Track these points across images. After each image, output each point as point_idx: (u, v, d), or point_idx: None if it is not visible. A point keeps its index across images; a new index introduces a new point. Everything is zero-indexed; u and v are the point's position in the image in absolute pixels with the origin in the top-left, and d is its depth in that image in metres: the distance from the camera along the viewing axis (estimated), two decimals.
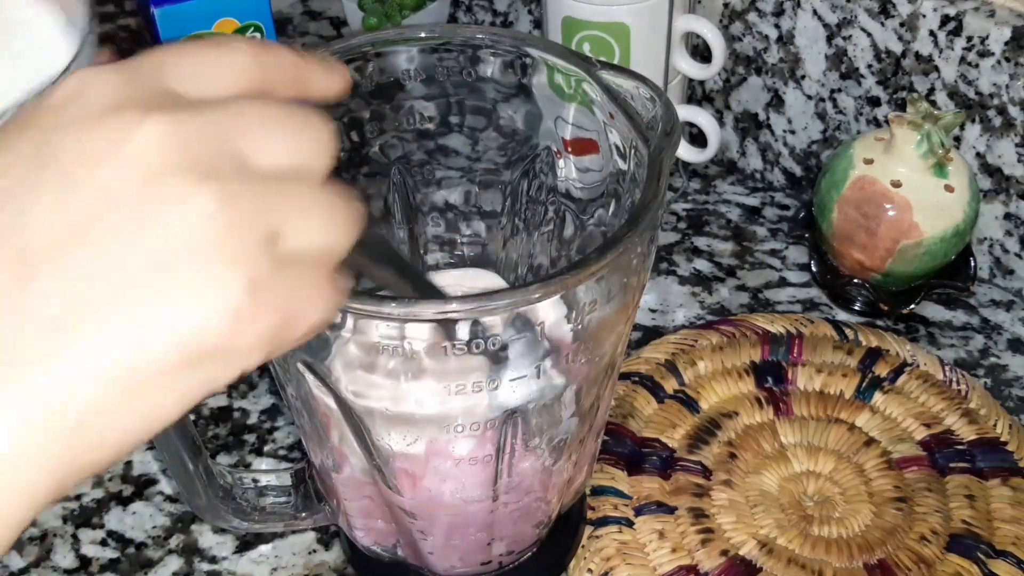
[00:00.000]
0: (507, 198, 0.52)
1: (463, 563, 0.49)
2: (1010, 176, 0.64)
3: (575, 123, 0.47)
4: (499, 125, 0.50)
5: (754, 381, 0.59)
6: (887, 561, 0.51)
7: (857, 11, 0.65)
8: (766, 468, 0.55)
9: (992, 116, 0.63)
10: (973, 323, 0.65)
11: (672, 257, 0.70)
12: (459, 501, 0.44)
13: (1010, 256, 0.66)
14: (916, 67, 0.64)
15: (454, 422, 0.40)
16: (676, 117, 0.42)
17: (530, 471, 0.44)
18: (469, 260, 0.54)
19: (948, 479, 0.54)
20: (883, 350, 0.60)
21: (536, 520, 0.48)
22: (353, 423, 0.41)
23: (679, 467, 0.55)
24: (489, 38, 0.47)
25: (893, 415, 0.57)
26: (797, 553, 0.51)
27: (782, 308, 0.66)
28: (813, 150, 0.72)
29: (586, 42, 0.65)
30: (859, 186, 0.61)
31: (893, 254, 0.61)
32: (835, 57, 0.68)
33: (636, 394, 0.58)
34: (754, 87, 0.73)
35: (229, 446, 0.60)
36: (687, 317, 0.66)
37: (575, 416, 0.43)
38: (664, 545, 0.52)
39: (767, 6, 0.69)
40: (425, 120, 0.50)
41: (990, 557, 0.51)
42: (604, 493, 0.54)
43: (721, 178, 0.77)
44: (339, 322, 0.37)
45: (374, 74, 0.47)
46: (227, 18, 0.60)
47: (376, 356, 0.38)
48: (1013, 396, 0.61)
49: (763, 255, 0.70)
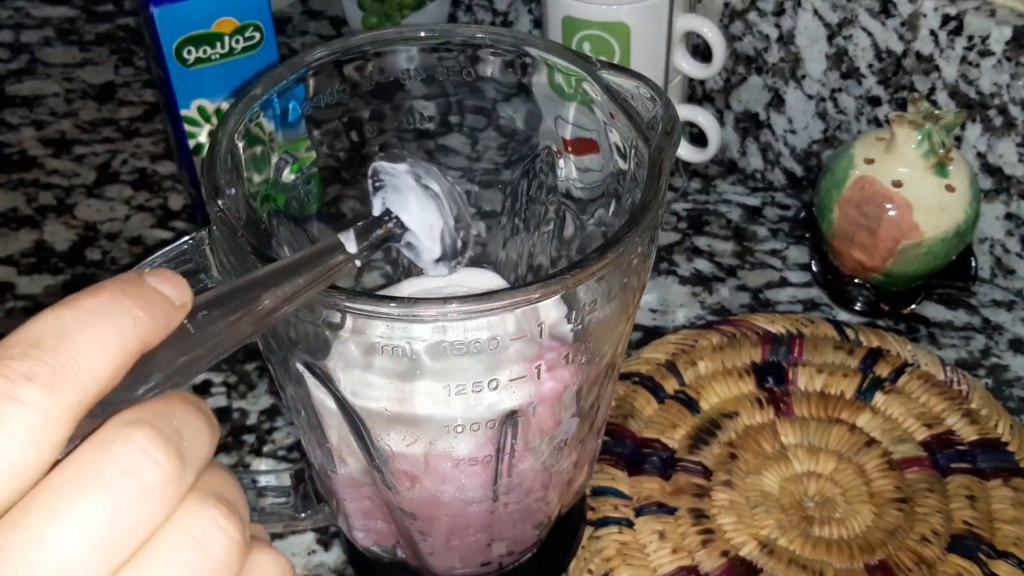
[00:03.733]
0: (507, 198, 0.51)
1: (463, 564, 0.49)
2: (1011, 176, 0.64)
3: (575, 123, 0.47)
4: (499, 125, 0.50)
5: (755, 381, 0.59)
6: (888, 562, 0.51)
7: (858, 10, 0.65)
8: (767, 469, 0.55)
9: (993, 116, 0.62)
10: (974, 323, 0.65)
11: (672, 257, 0.70)
12: (459, 502, 0.44)
13: (1011, 256, 0.66)
14: (917, 67, 0.64)
15: (454, 423, 0.40)
16: (676, 117, 0.41)
17: (530, 472, 0.44)
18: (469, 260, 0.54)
19: (949, 480, 0.54)
20: (884, 350, 0.60)
21: (536, 521, 0.48)
22: (352, 423, 0.41)
23: (679, 468, 0.55)
24: (489, 38, 0.47)
25: (894, 415, 0.57)
26: (798, 554, 0.51)
27: (783, 308, 0.66)
28: (814, 150, 0.72)
29: (586, 41, 0.64)
30: (860, 186, 0.61)
31: (894, 254, 0.61)
32: (836, 57, 0.67)
33: (636, 394, 0.58)
34: (755, 87, 0.72)
35: (228, 446, 0.60)
36: (687, 317, 0.66)
37: (575, 416, 0.43)
38: (664, 546, 0.52)
39: (767, 5, 0.69)
40: (425, 120, 0.50)
41: (991, 558, 0.51)
42: (604, 494, 0.54)
43: (721, 178, 0.76)
44: (339, 322, 0.37)
45: (374, 74, 0.47)
46: (227, 17, 0.60)
47: (375, 356, 0.38)
48: (1014, 396, 0.61)
49: (764, 255, 0.70)
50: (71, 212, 0.75)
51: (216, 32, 0.60)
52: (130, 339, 0.23)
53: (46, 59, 0.90)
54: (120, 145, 0.81)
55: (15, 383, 0.21)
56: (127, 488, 0.21)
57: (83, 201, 0.76)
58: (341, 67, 0.46)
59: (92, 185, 0.77)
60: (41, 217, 0.75)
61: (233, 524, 0.23)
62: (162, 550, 0.22)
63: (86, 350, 0.22)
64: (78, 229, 0.74)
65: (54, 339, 0.22)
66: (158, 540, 0.22)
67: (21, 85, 0.87)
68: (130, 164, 0.79)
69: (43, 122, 0.83)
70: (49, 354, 0.22)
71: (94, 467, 0.21)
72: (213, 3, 0.59)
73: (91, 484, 0.21)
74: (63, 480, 0.21)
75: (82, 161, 0.79)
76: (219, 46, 0.60)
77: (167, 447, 0.22)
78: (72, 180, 0.78)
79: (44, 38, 0.92)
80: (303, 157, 0.48)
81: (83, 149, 0.81)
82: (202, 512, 0.23)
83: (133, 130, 0.82)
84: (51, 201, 0.76)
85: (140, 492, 0.22)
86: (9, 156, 0.80)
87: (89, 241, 0.73)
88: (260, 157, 0.44)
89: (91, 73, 0.88)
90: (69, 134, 0.82)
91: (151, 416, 0.22)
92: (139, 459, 0.22)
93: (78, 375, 0.22)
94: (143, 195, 0.76)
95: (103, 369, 0.22)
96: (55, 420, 0.21)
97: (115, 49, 0.91)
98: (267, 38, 0.61)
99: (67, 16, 0.95)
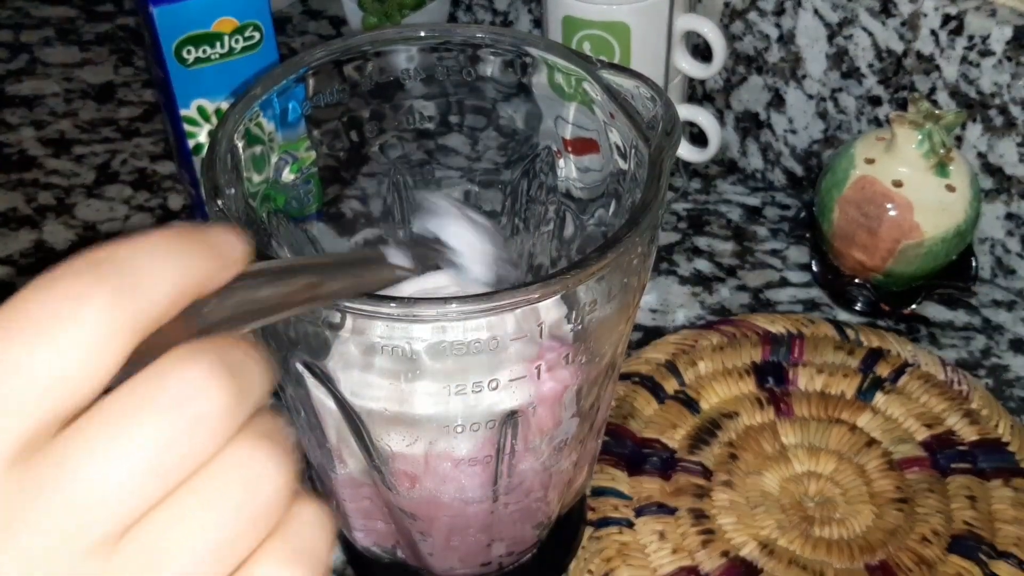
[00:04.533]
0: (507, 198, 0.51)
1: (463, 564, 0.49)
2: (1011, 176, 0.63)
3: (575, 123, 0.47)
4: (499, 125, 0.50)
5: (755, 381, 0.59)
6: (888, 562, 0.51)
7: (858, 10, 0.65)
8: (767, 469, 0.55)
9: (993, 116, 0.62)
10: (974, 323, 0.65)
11: (673, 257, 0.70)
12: (459, 502, 0.44)
13: (1011, 256, 0.66)
14: (917, 66, 0.64)
15: (454, 423, 0.40)
16: (676, 116, 0.41)
17: (530, 472, 0.44)
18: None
19: (949, 480, 0.54)
20: (884, 350, 0.60)
21: (536, 521, 0.48)
22: (352, 424, 0.41)
23: (680, 468, 0.55)
24: (489, 37, 0.47)
25: (894, 416, 0.57)
26: (798, 554, 0.51)
27: (783, 308, 0.66)
28: (814, 150, 0.72)
29: (586, 41, 0.64)
30: (860, 186, 0.61)
31: (894, 254, 0.61)
32: (836, 56, 0.67)
33: (636, 394, 0.58)
34: (755, 86, 0.72)
35: None
36: (688, 317, 0.66)
37: (575, 416, 0.43)
38: (665, 546, 0.52)
39: (768, 5, 0.69)
40: (425, 120, 0.50)
41: (992, 558, 0.51)
42: (604, 494, 0.54)
43: (722, 178, 0.76)
44: (338, 322, 0.37)
45: (374, 73, 0.47)
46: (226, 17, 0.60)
47: (375, 356, 0.38)
48: (1015, 396, 0.61)
49: (764, 255, 0.70)
50: (71, 212, 0.75)
51: (216, 32, 0.59)
52: (189, 278, 0.23)
53: (46, 59, 0.90)
54: (120, 145, 0.81)
55: (77, 297, 0.21)
56: (181, 417, 0.21)
57: (83, 201, 0.76)
58: (341, 67, 0.46)
59: (92, 185, 0.77)
60: (41, 217, 0.75)
61: (283, 470, 0.23)
62: (210, 486, 0.22)
63: (149, 277, 0.22)
64: (78, 229, 0.74)
65: (119, 262, 0.22)
66: (207, 476, 0.22)
67: (21, 85, 0.87)
68: (130, 164, 0.79)
69: (43, 122, 0.83)
70: (114, 273, 0.21)
71: (149, 394, 0.21)
72: (213, 3, 0.59)
73: (145, 410, 0.21)
74: (117, 402, 0.21)
75: (82, 161, 0.79)
76: (219, 46, 0.60)
77: (223, 381, 0.22)
78: (72, 180, 0.78)
79: (44, 38, 0.92)
80: (303, 157, 0.48)
81: (83, 149, 0.81)
82: (253, 453, 0.22)
83: (133, 130, 0.82)
84: (51, 201, 0.76)
85: (193, 422, 0.21)
86: (9, 156, 0.80)
87: (89, 241, 0.73)
88: (260, 157, 0.44)
89: (91, 73, 0.88)
90: (69, 134, 0.82)
91: (208, 350, 0.22)
92: (194, 390, 0.21)
93: (139, 298, 0.22)
94: (143, 195, 0.76)
95: (162, 299, 0.22)
96: (113, 337, 0.21)
97: (115, 49, 0.91)
98: (267, 38, 0.61)
99: (67, 16, 0.95)
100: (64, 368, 0.21)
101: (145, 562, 0.21)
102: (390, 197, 0.51)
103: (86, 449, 0.21)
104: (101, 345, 0.21)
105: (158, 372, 0.22)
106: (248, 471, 0.22)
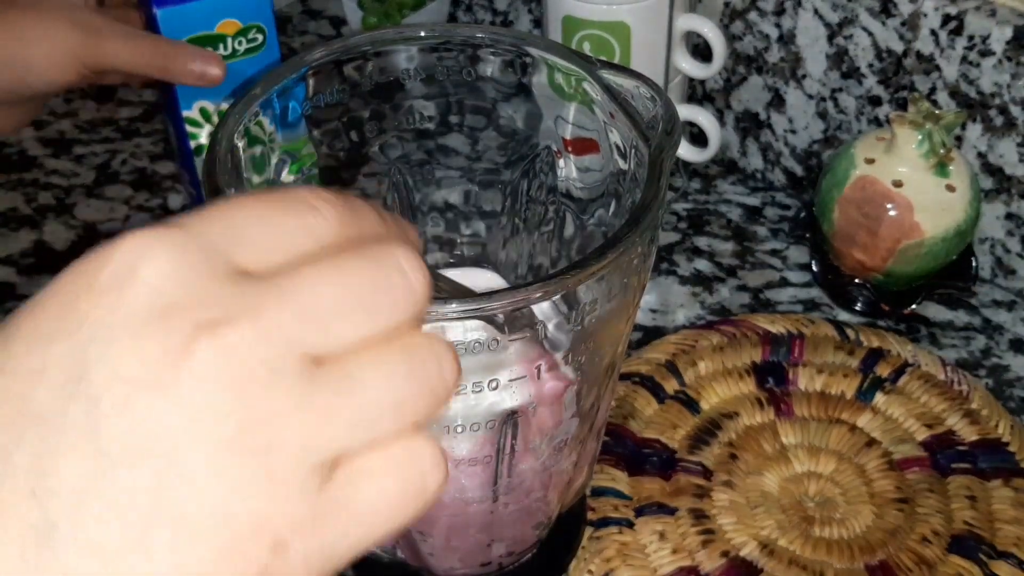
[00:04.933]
0: (507, 198, 0.51)
1: (463, 564, 0.49)
2: (1011, 176, 0.63)
3: (575, 123, 0.47)
4: (499, 125, 0.50)
5: (755, 382, 0.59)
6: (888, 562, 0.51)
7: (858, 10, 0.65)
8: (767, 469, 0.55)
9: (993, 116, 0.62)
10: (975, 323, 0.65)
11: (673, 257, 0.70)
12: (459, 502, 0.44)
13: (1012, 256, 0.66)
14: (917, 66, 0.64)
15: (453, 423, 0.40)
16: (677, 116, 0.41)
17: (530, 472, 0.44)
18: (469, 260, 0.54)
19: (949, 480, 0.54)
20: (884, 350, 0.60)
21: (536, 521, 0.48)
22: None
23: (680, 468, 0.55)
24: (489, 37, 0.47)
25: (894, 416, 0.57)
26: (798, 554, 0.51)
27: (783, 308, 0.66)
28: (814, 150, 0.72)
29: (586, 41, 0.64)
30: (860, 186, 0.61)
31: (894, 254, 0.61)
32: (836, 56, 0.67)
33: (636, 395, 0.58)
34: (755, 86, 0.72)
35: None
36: (688, 317, 0.66)
37: (575, 416, 0.43)
38: (665, 546, 0.52)
39: (768, 5, 0.69)
40: (425, 120, 0.50)
41: (992, 558, 0.51)
42: (604, 494, 0.54)
43: (722, 178, 0.76)
44: None
45: (374, 74, 0.47)
46: (230, 19, 0.60)
47: None
48: (1015, 397, 0.61)
49: (764, 255, 0.70)
50: (71, 212, 0.75)
51: (219, 34, 0.59)
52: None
53: None
54: (120, 145, 0.81)
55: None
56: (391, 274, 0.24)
57: (83, 201, 0.76)
58: (341, 67, 0.46)
59: (92, 185, 0.77)
60: (41, 217, 0.75)
61: (457, 375, 0.25)
62: (410, 349, 0.24)
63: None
64: (78, 229, 0.74)
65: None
66: (408, 343, 0.24)
67: None
68: (130, 164, 0.79)
69: (42, 122, 0.83)
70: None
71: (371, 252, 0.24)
72: (216, 5, 0.59)
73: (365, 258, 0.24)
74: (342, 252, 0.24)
75: (82, 161, 0.79)
76: (222, 48, 0.60)
77: (422, 268, 0.24)
78: (72, 180, 0.78)
79: None
80: (303, 157, 0.48)
81: (83, 149, 0.81)
82: (438, 342, 0.25)
83: (133, 130, 0.82)
84: (51, 201, 0.76)
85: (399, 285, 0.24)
86: (9, 156, 0.80)
87: (89, 241, 0.73)
88: (260, 157, 0.44)
89: None
90: (68, 134, 0.82)
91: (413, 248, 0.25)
92: (401, 262, 0.24)
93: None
94: (143, 195, 0.76)
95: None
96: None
97: None
98: (269, 40, 0.61)
99: None
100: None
101: (335, 388, 0.22)
102: (390, 197, 0.51)
103: (313, 273, 0.23)
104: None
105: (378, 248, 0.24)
106: (442, 361, 0.24)
